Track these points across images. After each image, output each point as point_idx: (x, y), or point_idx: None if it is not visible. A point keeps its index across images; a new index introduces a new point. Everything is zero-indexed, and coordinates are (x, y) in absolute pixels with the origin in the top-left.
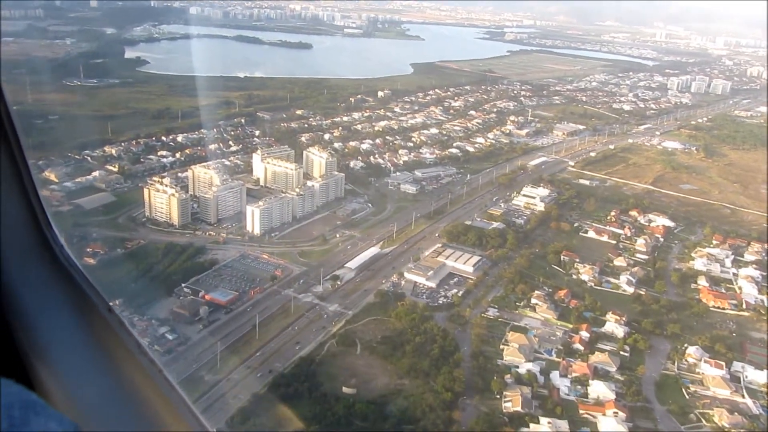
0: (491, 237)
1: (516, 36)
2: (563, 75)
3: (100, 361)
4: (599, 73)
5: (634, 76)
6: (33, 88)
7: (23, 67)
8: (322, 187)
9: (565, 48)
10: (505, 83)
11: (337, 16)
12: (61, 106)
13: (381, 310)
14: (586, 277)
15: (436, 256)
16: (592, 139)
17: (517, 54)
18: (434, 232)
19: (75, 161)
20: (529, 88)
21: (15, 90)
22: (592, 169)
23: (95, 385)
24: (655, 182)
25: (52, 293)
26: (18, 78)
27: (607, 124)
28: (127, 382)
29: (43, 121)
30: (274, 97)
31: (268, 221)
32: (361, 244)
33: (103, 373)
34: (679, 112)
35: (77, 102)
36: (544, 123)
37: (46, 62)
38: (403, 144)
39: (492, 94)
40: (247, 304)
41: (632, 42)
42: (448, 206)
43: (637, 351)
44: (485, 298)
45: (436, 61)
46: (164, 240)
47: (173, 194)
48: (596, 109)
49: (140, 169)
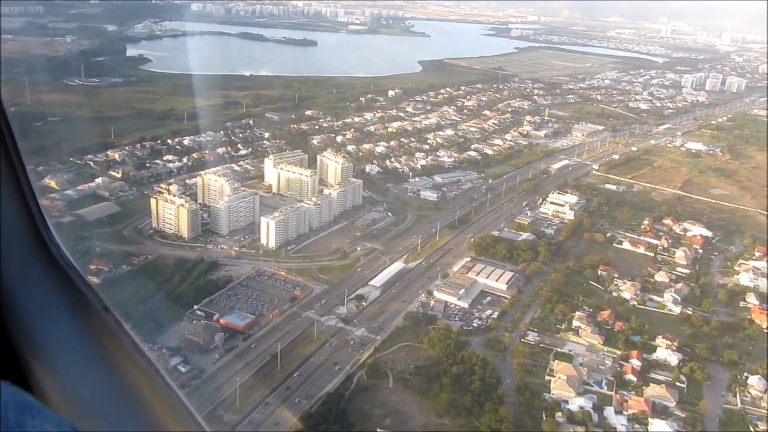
0: (522, 250)
1: (522, 32)
2: (574, 72)
3: (97, 362)
4: (610, 71)
5: (646, 74)
6: (32, 88)
7: (22, 66)
8: (339, 195)
9: (572, 44)
10: (517, 81)
11: (341, 13)
12: (61, 106)
13: (411, 334)
14: (628, 295)
15: (466, 272)
16: (612, 141)
17: (524, 51)
18: (460, 244)
19: (76, 167)
20: (541, 86)
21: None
22: (617, 173)
23: (92, 386)
24: (684, 187)
25: (49, 293)
26: (17, 77)
27: (626, 124)
28: (124, 382)
29: (43, 123)
30: (281, 96)
31: (283, 233)
32: (383, 259)
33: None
34: (696, 111)
35: (78, 102)
36: (562, 123)
37: (46, 60)
38: (419, 146)
39: (505, 93)
40: (266, 328)
41: (638, 38)
42: (472, 214)
43: (695, 382)
44: (523, 321)
45: (444, 58)
46: (173, 255)
47: (182, 205)
48: (613, 109)
49: (145, 175)
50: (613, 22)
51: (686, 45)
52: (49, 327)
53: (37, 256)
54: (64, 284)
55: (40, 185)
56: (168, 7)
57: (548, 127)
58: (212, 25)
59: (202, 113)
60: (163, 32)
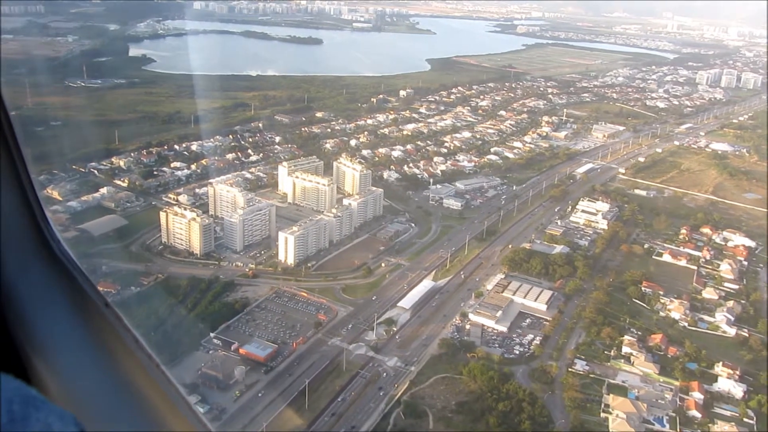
0: (558, 264)
1: (528, 29)
2: (585, 69)
3: (98, 357)
4: (622, 67)
5: (658, 70)
6: (33, 90)
7: (23, 67)
8: (360, 205)
9: (579, 41)
10: (529, 79)
11: (344, 10)
12: (63, 110)
13: (449, 364)
14: (677, 315)
15: (501, 290)
16: (635, 142)
17: (533, 48)
18: (491, 257)
19: (80, 175)
20: (554, 84)
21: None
22: (644, 177)
23: (93, 381)
24: (716, 191)
25: (50, 289)
26: (17, 79)
27: (646, 124)
28: (125, 377)
29: (44, 128)
30: (290, 97)
31: (303, 249)
32: (410, 275)
33: (101, 368)
34: (715, 109)
35: (80, 105)
36: (580, 124)
37: (47, 61)
38: (436, 150)
39: (518, 92)
40: (290, 359)
41: (645, 34)
42: (499, 225)
43: (764, 417)
44: (568, 347)
45: (452, 56)
46: (186, 273)
47: (194, 219)
48: (630, 107)
49: (153, 184)
50: (617, 18)
51: (694, 40)
52: (50, 322)
53: (38, 252)
54: (65, 280)
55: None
56: (170, 6)
57: (567, 127)
58: (215, 23)
59: (209, 116)
60: (166, 31)
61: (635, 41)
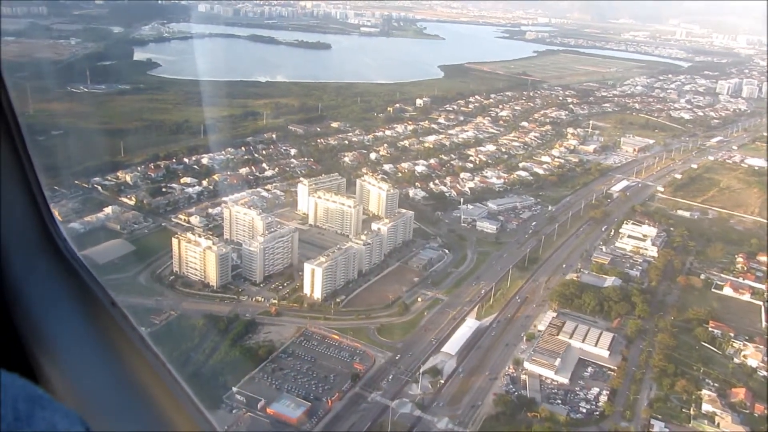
0: (613, 300)
1: (537, 35)
2: (601, 78)
3: (103, 355)
4: (638, 76)
5: (675, 79)
6: (35, 96)
7: (25, 71)
8: (390, 230)
9: (589, 48)
10: (546, 88)
11: (350, 14)
12: (65, 117)
13: (508, 425)
14: (755, 363)
15: (555, 332)
16: (667, 156)
17: (544, 54)
18: (536, 290)
19: (83, 192)
20: (573, 93)
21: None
22: (684, 196)
23: (99, 379)
24: (763, 212)
25: (56, 287)
26: (19, 83)
27: (675, 137)
28: (130, 375)
29: (45, 137)
30: (303, 106)
31: (330, 281)
32: (451, 313)
33: (106, 366)
34: (742, 121)
35: (84, 113)
36: (607, 136)
37: (50, 65)
38: (461, 165)
39: (537, 101)
40: (325, 419)
41: (654, 41)
42: (540, 251)
43: None
44: (641, 403)
45: (464, 62)
46: (201, 310)
47: (210, 247)
48: (655, 119)
49: (162, 202)
50: (624, 24)
51: (704, 48)
52: (56, 321)
53: (44, 250)
54: (71, 278)
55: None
56: (174, 8)
57: (594, 140)
58: (220, 26)
59: (219, 126)
60: (171, 34)
61: (646, 48)
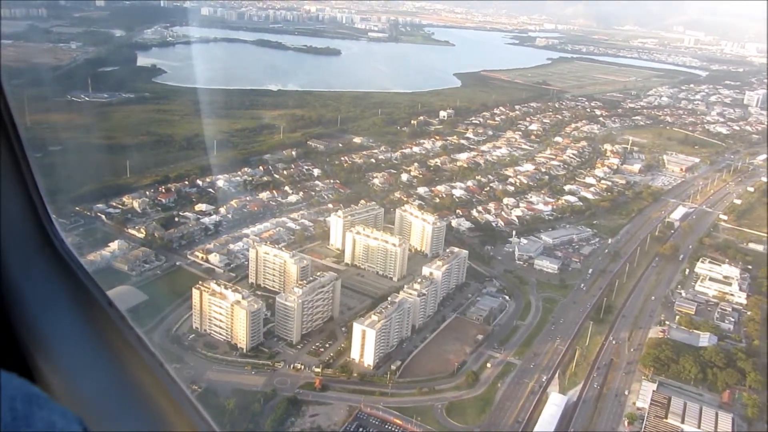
0: (717, 366)
1: (547, 42)
2: (623, 88)
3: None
4: (659, 86)
5: (699, 89)
6: (32, 106)
7: (22, 77)
8: (444, 275)
9: (602, 55)
10: (570, 98)
11: (356, 19)
12: (65, 130)
13: None
14: None
15: (662, 414)
16: (719, 177)
17: (558, 62)
18: (621, 350)
19: (84, 221)
20: (599, 105)
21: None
22: (750, 225)
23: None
24: None
25: (54, 287)
26: (15, 91)
27: (717, 154)
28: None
29: (43, 154)
30: (320, 118)
31: (384, 343)
32: (528, 383)
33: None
34: None
35: (85, 125)
36: (648, 153)
37: (49, 71)
38: (502, 188)
39: (565, 114)
40: None
41: (664, 48)
42: (612, 297)
43: None
44: None
45: (479, 70)
46: (231, 382)
47: (239, 302)
48: (691, 133)
49: (175, 235)
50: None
51: (716, 56)
52: (53, 321)
53: (41, 250)
54: (68, 279)
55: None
56: (177, 12)
57: (636, 158)
58: (225, 30)
59: (232, 141)
60: (175, 38)
61: (658, 56)
